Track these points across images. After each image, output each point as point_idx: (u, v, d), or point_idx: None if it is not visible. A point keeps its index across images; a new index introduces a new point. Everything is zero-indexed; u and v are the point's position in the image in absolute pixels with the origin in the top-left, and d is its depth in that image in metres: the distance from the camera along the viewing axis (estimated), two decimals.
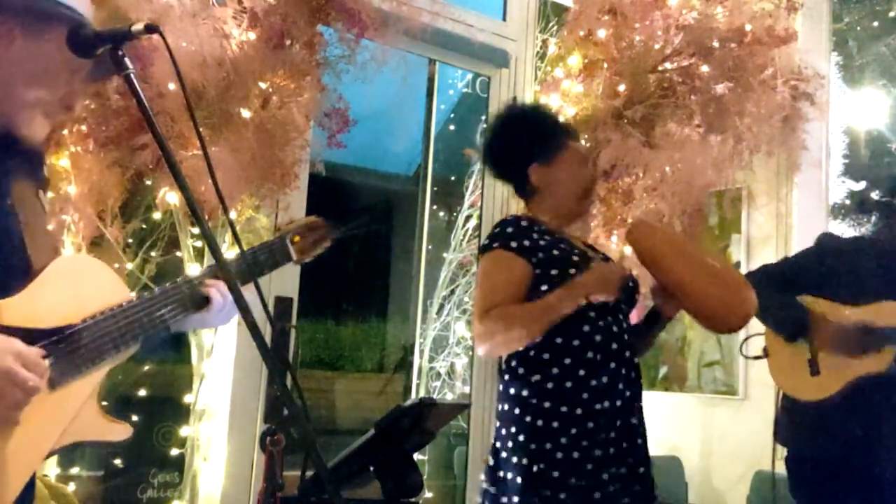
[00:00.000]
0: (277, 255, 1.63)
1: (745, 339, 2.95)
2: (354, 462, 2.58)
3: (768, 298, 2.65)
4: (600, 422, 2.02)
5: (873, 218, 2.82)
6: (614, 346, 2.08)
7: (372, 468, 2.62)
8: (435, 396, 4.69)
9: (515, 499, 2.00)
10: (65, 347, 1.35)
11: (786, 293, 2.67)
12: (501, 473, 2.06)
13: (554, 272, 2.07)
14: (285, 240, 1.63)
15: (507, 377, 2.13)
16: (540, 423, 2.01)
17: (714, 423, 3.97)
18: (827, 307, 2.64)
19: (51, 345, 1.33)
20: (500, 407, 2.13)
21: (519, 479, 2.00)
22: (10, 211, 1.37)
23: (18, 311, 1.31)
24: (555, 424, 2.00)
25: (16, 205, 1.38)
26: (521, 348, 2.08)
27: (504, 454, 2.06)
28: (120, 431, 1.45)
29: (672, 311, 2.21)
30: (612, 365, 2.06)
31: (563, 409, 2.01)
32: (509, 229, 2.12)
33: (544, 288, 2.06)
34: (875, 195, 4.51)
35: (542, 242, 2.10)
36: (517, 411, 2.06)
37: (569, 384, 2.03)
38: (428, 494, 4.16)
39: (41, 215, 1.45)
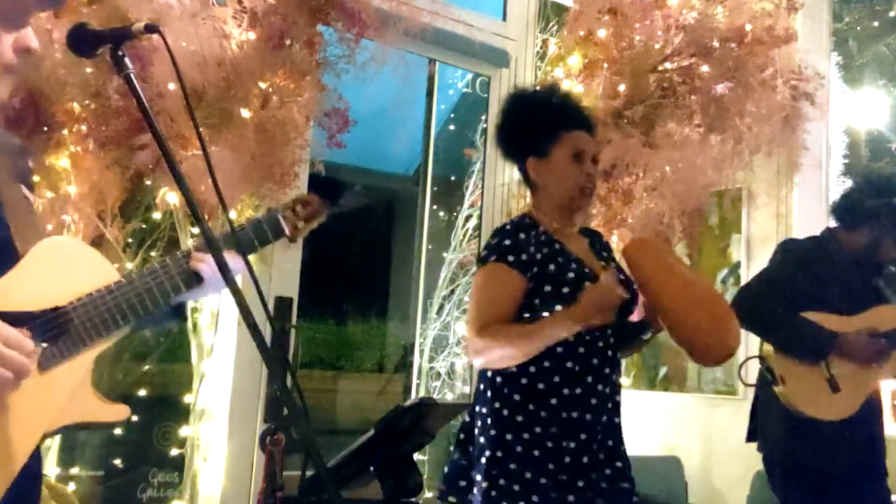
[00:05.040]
0: (270, 230, 1.55)
1: (742, 364, 2.88)
2: (354, 462, 2.58)
3: (778, 324, 2.64)
4: (565, 429, 2.03)
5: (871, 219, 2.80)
6: (595, 360, 2.08)
7: (372, 468, 2.63)
8: (435, 396, 4.69)
9: (478, 477, 2.04)
10: (53, 330, 1.32)
11: (791, 315, 2.63)
12: (471, 449, 2.11)
13: (548, 288, 2.07)
14: (277, 215, 1.56)
15: None
16: (506, 413, 2.04)
17: (714, 423, 3.97)
18: (833, 321, 2.63)
19: (38, 327, 1.30)
20: (478, 386, 2.16)
21: (483, 461, 2.04)
22: None
23: (2, 295, 1.28)
24: (519, 419, 2.03)
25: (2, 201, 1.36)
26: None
27: (476, 431, 2.11)
28: (117, 412, 1.41)
29: (659, 325, 2.17)
30: (589, 379, 2.07)
31: (531, 406, 2.04)
32: (506, 241, 2.10)
33: (536, 301, 2.08)
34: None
35: (538, 256, 2.08)
36: (489, 394, 2.09)
37: (541, 385, 2.05)
38: (428, 494, 4.15)
39: (25, 207, 1.41)
